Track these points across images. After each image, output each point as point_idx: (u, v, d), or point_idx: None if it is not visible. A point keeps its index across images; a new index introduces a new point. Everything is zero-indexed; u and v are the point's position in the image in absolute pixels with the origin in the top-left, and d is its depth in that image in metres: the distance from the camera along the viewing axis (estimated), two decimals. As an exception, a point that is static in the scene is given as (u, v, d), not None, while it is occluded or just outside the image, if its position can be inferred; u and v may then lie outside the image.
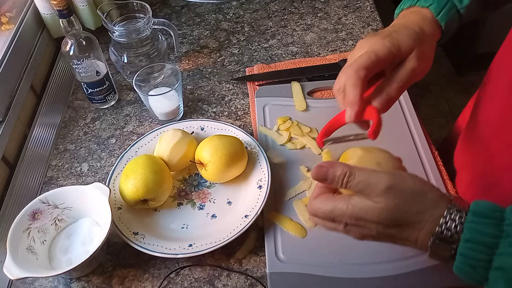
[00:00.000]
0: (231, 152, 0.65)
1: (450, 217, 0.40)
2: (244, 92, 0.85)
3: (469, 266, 0.40)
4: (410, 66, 0.50)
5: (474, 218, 0.40)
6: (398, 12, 0.58)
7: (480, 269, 0.39)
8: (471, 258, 0.39)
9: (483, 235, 0.39)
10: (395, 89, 0.50)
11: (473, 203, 0.41)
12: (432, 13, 0.53)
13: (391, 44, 0.49)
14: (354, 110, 0.48)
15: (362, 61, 0.48)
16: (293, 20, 1.00)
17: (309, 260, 0.59)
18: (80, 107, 0.85)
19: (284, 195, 0.67)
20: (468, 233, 0.39)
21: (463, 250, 0.40)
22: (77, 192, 0.63)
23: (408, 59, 0.50)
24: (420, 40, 0.50)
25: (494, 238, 0.39)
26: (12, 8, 0.87)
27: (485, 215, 0.40)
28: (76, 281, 0.61)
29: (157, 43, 0.84)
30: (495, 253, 0.38)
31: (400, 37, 0.50)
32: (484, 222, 0.39)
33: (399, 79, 0.50)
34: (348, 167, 0.44)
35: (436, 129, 1.74)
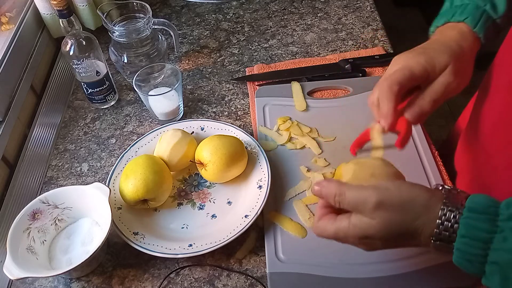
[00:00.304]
0: (231, 152, 0.65)
1: (445, 218, 0.41)
2: (244, 92, 0.85)
3: (466, 260, 0.41)
4: (444, 81, 0.50)
5: (470, 214, 0.41)
6: (433, 29, 0.58)
7: (477, 263, 0.40)
8: (467, 253, 0.40)
9: (478, 231, 0.40)
10: (428, 102, 0.51)
11: (469, 199, 0.42)
12: (468, 26, 0.54)
13: (425, 62, 0.50)
14: (387, 122, 0.50)
15: (396, 76, 0.50)
16: (293, 20, 1.00)
17: (309, 260, 0.59)
18: (80, 107, 0.85)
19: (284, 195, 0.67)
20: (463, 229, 0.40)
21: (460, 246, 0.41)
22: (77, 192, 0.63)
23: (443, 74, 0.51)
24: (457, 56, 0.51)
25: (488, 233, 0.39)
26: (12, 8, 0.87)
27: (480, 211, 0.40)
28: (76, 281, 0.61)
29: (157, 43, 0.84)
30: (490, 248, 0.39)
31: (435, 54, 0.51)
32: (479, 218, 0.40)
33: (432, 93, 0.51)
34: (338, 187, 0.45)
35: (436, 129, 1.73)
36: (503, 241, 0.38)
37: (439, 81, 0.51)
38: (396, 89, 0.49)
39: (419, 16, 2.34)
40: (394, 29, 0.74)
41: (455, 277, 0.56)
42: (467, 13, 0.54)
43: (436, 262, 0.57)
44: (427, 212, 0.42)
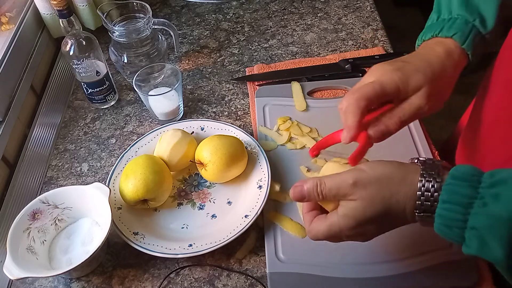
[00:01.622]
0: (231, 152, 0.65)
1: (424, 188, 0.42)
2: (244, 92, 0.85)
3: (446, 226, 0.41)
4: (415, 104, 0.49)
5: (453, 181, 0.41)
6: (419, 43, 0.56)
7: (456, 229, 0.40)
8: (447, 219, 0.41)
9: (459, 196, 0.40)
10: (394, 123, 0.50)
11: (453, 168, 0.42)
12: (455, 42, 0.52)
13: (399, 79, 0.49)
14: (350, 134, 0.49)
15: (365, 91, 0.49)
16: (293, 20, 1.00)
17: (309, 260, 0.59)
18: (80, 107, 0.85)
19: (284, 195, 0.66)
20: (445, 194, 0.41)
21: (441, 211, 0.41)
22: (77, 192, 0.63)
23: (416, 95, 0.49)
24: (435, 78, 0.50)
25: (469, 199, 0.40)
26: (12, 8, 0.87)
27: (463, 178, 0.41)
28: (76, 281, 0.61)
29: (157, 43, 0.84)
30: (469, 213, 0.40)
31: (412, 73, 0.49)
32: (462, 185, 0.41)
33: (401, 114, 0.50)
34: (317, 178, 0.46)
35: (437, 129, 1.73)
36: (483, 206, 0.39)
37: (410, 102, 0.49)
38: (363, 105, 0.48)
39: (419, 16, 2.34)
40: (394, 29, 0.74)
41: (455, 277, 0.56)
42: (455, 29, 0.52)
43: (436, 262, 0.57)
44: (405, 185, 0.43)
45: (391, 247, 0.59)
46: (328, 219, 0.46)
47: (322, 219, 0.47)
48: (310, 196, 0.46)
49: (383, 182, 0.43)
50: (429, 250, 0.58)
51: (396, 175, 0.44)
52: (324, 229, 0.46)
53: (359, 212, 0.44)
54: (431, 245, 0.59)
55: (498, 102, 0.57)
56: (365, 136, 0.50)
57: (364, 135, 0.50)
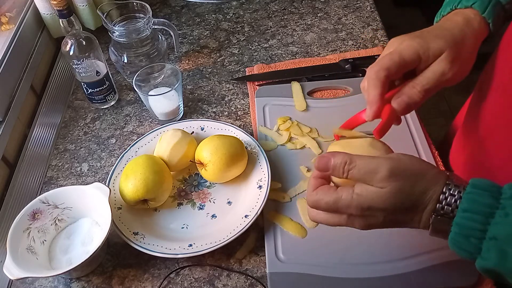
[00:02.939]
0: (231, 152, 0.65)
1: (449, 192, 0.41)
2: (244, 92, 0.85)
3: (463, 236, 0.40)
4: (438, 69, 0.47)
5: (473, 190, 0.40)
6: (437, 19, 0.55)
7: (474, 239, 0.40)
8: (466, 228, 0.40)
9: (481, 205, 0.39)
10: (418, 92, 0.48)
11: (472, 178, 0.42)
12: (475, 11, 0.50)
13: (419, 45, 0.47)
14: (372, 109, 0.48)
15: (383, 62, 0.47)
16: (293, 20, 1.00)
17: (309, 260, 0.59)
18: (80, 107, 0.85)
19: (284, 195, 0.66)
20: (466, 203, 0.40)
21: (460, 220, 0.40)
22: (77, 192, 0.63)
23: (438, 61, 0.47)
24: (456, 43, 0.48)
25: (490, 208, 0.39)
26: (12, 8, 0.87)
27: (484, 188, 0.40)
28: (76, 281, 0.61)
29: (157, 43, 0.84)
30: (489, 223, 0.39)
31: (431, 38, 0.48)
32: (482, 194, 0.40)
33: (424, 81, 0.48)
34: (348, 156, 0.44)
35: (436, 129, 1.74)
36: (504, 216, 0.38)
37: (432, 68, 0.47)
38: (383, 75, 0.47)
39: (419, 16, 2.34)
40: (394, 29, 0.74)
41: (455, 277, 0.56)
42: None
43: (436, 262, 0.57)
44: (435, 185, 0.42)
45: (391, 247, 0.59)
46: (340, 192, 0.44)
47: (330, 189, 0.44)
48: (334, 171, 0.44)
49: (418, 178, 0.42)
50: (429, 250, 0.58)
51: (430, 172, 0.42)
52: (330, 200, 0.44)
53: (379, 198, 0.42)
54: (431, 245, 0.59)
55: (493, 106, 0.57)
56: (389, 109, 0.48)
57: (388, 108, 0.48)
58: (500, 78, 0.55)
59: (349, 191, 0.43)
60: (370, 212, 0.43)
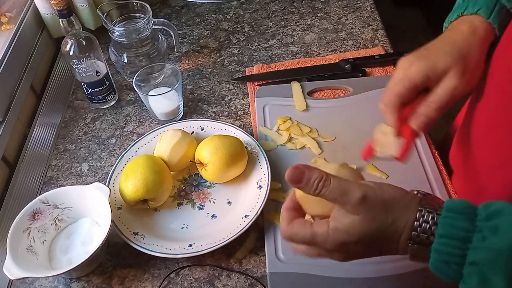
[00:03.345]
0: (231, 152, 0.65)
1: (423, 219, 0.40)
2: (244, 92, 0.85)
3: (443, 262, 0.40)
4: (450, 86, 0.49)
5: (448, 214, 0.40)
6: (446, 25, 0.56)
7: (454, 265, 0.39)
8: (445, 254, 0.39)
9: (457, 229, 0.39)
10: (433, 110, 0.50)
11: (447, 200, 0.41)
12: (481, 18, 0.52)
13: (427, 67, 0.49)
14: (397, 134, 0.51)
15: (396, 89, 0.51)
16: (293, 20, 1.00)
17: (309, 260, 0.58)
18: (80, 107, 0.85)
19: (284, 195, 0.66)
20: (442, 228, 0.39)
21: (438, 246, 0.40)
22: (77, 192, 0.63)
23: (447, 77, 0.49)
24: (463, 55, 0.49)
25: (467, 232, 0.38)
26: (12, 8, 0.87)
27: (458, 210, 0.40)
28: (76, 281, 0.61)
29: (157, 43, 0.84)
30: (468, 248, 0.38)
31: (438, 57, 0.50)
32: (458, 217, 0.39)
33: (437, 99, 0.50)
34: (323, 173, 0.43)
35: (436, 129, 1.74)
36: (482, 240, 0.38)
37: (443, 86, 0.49)
38: (398, 102, 0.50)
39: (419, 16, 2.34)
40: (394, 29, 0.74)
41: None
42: (480, 4, 0.52)
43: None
44: (407, 213, 0.41)
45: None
46: (315, 227, 0.43)
47: (306, 224, 0.44)
48: (307, 185, 0.43)
49: (388, 206, 0.42)
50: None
51: (401, 199, 0.42)
52: (306, 234, 0.43)
53: (354, 229, 0.42)
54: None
55: (492, 106, 0.57)
56: (409, 131, 0.51)
57: (408, 129, 0.51)
58: (499, 78, 0.56)
59: (324, 226, 0.43)
60: (346, 247, 0.43)
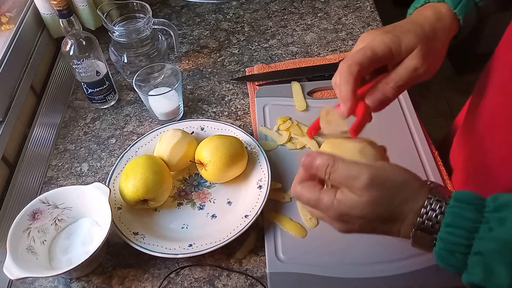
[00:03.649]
0: (231, 152, 0.65)
1: (430, 207, 0.41)
2: (244, 92, 0.85)
3: (448, 251, 0.40)
4: (411, 65, 0.47)
5: (456, 203, 0.40)
6: (410, 12, 0.55)
7: (459, 254, 0.39)
8: (450, 243, 0.39)
9: (464, 220, 0.39)
10: (391, 88, 0.48)
11: (455, 191, 0.41)
12: (447, 7, 0.50)
13: (390, 40, 0.47)
14: (347, 106, 0.47)
15: (356, 56, 0.47)
16: (293, 20, 1.00)
17: (309, 260, 0.59)
18: (80, 107, 0.85)
19: (284, 195, 0.66)
20: (449, 217, 0.40)
21: (443, 235, 0.40)
22: (77, 192, 0.63)
23: (410, 57, 0.47)
24: (427, 37, 0.48)
25: (474, 223, 0.39)
26: (12, 8, 0.87)
27: (467, 201, 0.40)
28: (76, 281, 0.61)
29: (157, 43, 0.84)
30: (474, 238, 0.38)
31: (403, 34, 0.47)
32: (466, 208, 0.39)
33: (397, 78, 0.47)
34: (332, 158, 0.43)
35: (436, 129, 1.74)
36: (488, 231, 0.38)
37: (405, 65, 0.47)
38: (356, 71, 0.46)
39: (419, 16, 2.34)
40: (394, 29, 0.75)
41: (455, 277, 0.56)
42: None
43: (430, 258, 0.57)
44: (415, 199, 0.41)
45: (391, 247, 0.59)
46: (322, 193, 0.44)
47: (316, 187, 0.45)
48: (318, 171, 0.44)
49: (398, 189, 0.42)
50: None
51: (413, 183, 0.42)
52: (312, 198, 0.44)
53: (357, 207, 0.42)
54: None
55: (493, 105, 0.57)
56: (363, 106, 0.48)
57: (362, 105, 0.48)
58: (500, 77, 0.56)
59: (331, 195, 0.43)
60: (348, 218, 0.43)
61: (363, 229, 0.44)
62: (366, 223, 0.43)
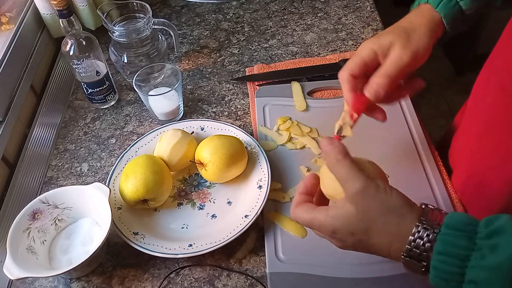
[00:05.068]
0: (231, 152, 0.65)
1: (418, 235, 0.41)
2: (244, 92, 0.85)
3: (442, 279, 0.40)
4: (394, 55, 0.53)
5: (448, 231, 0.40)
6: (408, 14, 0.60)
7: (453, 283, 0.39)
8: (443, 271, 0.39)
9: (456, 248, 0.39)
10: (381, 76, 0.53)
11: (447, 216, 0.41)
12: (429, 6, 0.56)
13: (372, 43, 0.55)
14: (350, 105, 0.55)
15: (347, 65, 0.55)
16: (293, 20, 1.00)
17: (309, 260, 0.59)
18: (80, 107, 0.85)
19: (284, 195, 0.66)
20: (440, 245, 0.39)
21: (436, 263, 0.40)
22: (77, 192, 0.63)
23: (392, 49, 0.53)
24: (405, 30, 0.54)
25: (466, 251, 0.38)
26: (12, 8, 0.87)
27: (458, 228, 0.40)
28: (76, 281, 0.61)
29: (157, 43, 0.84)
30: (467, 266, 0.38)
31: (383, 35, 0.55)
32: (457, 235, 0.39)
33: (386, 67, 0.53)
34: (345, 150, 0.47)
35: (436, 129, 1.74)
36: (481, 259, 0.38)
37: (390, 57, 0.53)
38: (348, 75, 0.54)
39: (419, 16, 2.34)
40: (394, 29, 0.75)
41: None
42: None
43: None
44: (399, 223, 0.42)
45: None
46: (315, 213, 0.46)
47: (309, 208, 0.47)
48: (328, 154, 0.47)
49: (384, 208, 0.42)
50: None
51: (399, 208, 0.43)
52: (306, 219, 0.47)
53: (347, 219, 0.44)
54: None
55: (492, 105, 0.57)
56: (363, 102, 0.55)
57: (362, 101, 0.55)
58: (499, 77, 0.56)
59: (323, 212, 0.46)
60: (341, 236, 0.45)
61: (356, 247, 0.46)
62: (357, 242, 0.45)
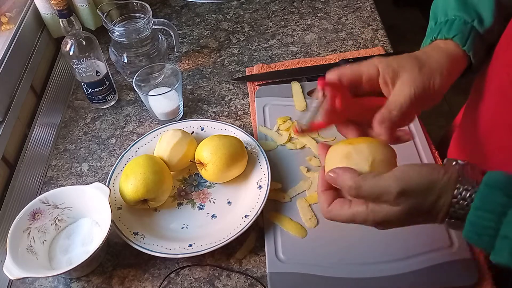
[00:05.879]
0: (231, 152, 0.65)
1: (460, 197, 0.42)
2: (244, 92, 0.85)
3: (476, 234, 0.41)
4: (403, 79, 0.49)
5: (486, 188, 0.41)
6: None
7: (486, 237, 0.40)
8: (479, 226, 0.40)
9: (493, 204, 0.40)
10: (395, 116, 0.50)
11: (486, 175, 0.42)
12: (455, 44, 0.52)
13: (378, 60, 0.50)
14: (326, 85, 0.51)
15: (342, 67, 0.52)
16: (293, 20, 1.00)
17: (309, 260, 0.59)
18: (80, 107, 0.85)
19: (284, 195, 0.66)
20: (478, 201, 0.40)
21: (472, 218, 0.41)
22: (77, 192, 0.63)
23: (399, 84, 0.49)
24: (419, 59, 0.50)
25: (503, 207, 0.39)
26: (12, 8, 0.87)
27: (496, 186, 0.40)
28: (76, 281, 0.61)
29: (157, 43, 0.84)
30: (502, 222, 0.39)
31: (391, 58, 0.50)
32: (495, 193, 0.40)
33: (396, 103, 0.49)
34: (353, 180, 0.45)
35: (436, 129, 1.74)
36: None
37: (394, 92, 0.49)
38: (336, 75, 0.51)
39: (419, 16, 2.34)
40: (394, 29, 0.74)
41: (455, 277, 0.56)
42: (455, 30, 0.52)
43: (436, 262, 0.57)
44: (445, 194, 0.42)
45: (391, 247, 0.59)
46: (354, 207, 0.46)
47: (346, 204, 0.47)
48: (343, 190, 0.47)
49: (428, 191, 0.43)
50: (429, 250, 0.58)
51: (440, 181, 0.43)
52: (347, 216, 0.46)
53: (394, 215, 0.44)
54: (431, 245, 0.59)
55: (493, 108, 0.57)
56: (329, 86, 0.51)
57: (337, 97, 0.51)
58: (498, 79, 0.55)
59: (363, 206, 0.45)
60: (386, 224, 0.46)
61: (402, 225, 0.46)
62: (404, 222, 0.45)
